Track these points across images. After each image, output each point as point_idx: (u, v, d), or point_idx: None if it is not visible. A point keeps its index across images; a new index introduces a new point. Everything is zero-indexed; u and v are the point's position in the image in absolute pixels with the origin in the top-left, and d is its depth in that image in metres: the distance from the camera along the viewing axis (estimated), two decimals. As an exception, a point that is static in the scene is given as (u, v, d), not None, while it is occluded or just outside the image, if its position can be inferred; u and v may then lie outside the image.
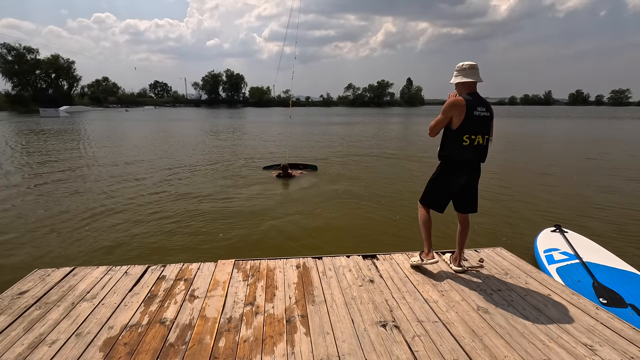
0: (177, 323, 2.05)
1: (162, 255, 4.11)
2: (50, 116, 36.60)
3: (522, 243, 4.36)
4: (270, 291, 2.43)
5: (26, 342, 1.85)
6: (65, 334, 1.93)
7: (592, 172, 9.58)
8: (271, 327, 2.03)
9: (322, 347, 1.85)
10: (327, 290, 2.44)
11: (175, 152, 12.62)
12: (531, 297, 2.40)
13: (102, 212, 5.68)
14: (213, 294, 2.38)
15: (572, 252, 3.52)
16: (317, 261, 2.90)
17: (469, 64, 2.49)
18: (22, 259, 4.05)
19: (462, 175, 2.53)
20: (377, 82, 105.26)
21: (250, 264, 2.84)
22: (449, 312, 2.20)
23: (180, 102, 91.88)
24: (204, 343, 1.88)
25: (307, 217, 5.58)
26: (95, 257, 4.04)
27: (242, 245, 4.45)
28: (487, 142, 2.50)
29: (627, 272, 3.17)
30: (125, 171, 9.09)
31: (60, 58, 64.67)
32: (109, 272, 2.65)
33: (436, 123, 2.52)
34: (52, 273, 2.62)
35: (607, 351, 1.84)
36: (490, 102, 2.54)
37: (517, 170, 9.50)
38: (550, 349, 1.86)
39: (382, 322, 2.08)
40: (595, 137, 20.00)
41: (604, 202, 6.44)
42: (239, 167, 9.80)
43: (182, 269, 2.73)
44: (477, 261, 2.94)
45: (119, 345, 1.84)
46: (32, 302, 2.24)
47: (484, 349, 1.85)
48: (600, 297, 2.78)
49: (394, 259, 2.98)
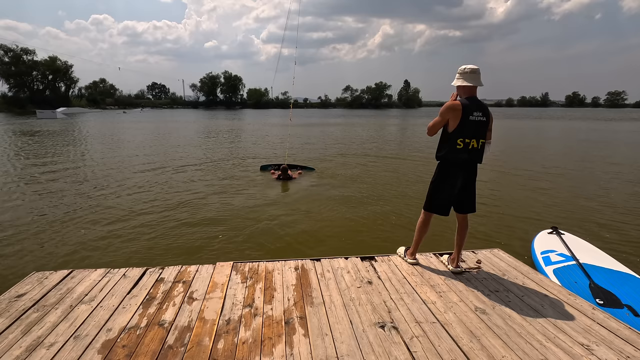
0: (175, 325, 2.05)
1: (160, 257, 4.10)
2: (47, 118, 36.46)
3: (519, 245, 4.38)
4: (269, 293, 2.43)
5: (24, 345, 1.85)
6: (63, 336, 1.93)
7: (588, 174, 9.64)
8: (270, 328, 2.03)
9: (320, 349, 1.86)
10: (326, 292, 2.44)
11: (173, 154, 12.60)
12: (528, 297, 2.41)
13: (99, 214, 5.66)
14: (212, 296, 2.38)
15: (568, 254, 3.54)
16: (315, 263, 2.90)
17: (470, 68, 2.52)
18: (18, 261, 4.03)
19: (459, 176, 2.56)
20: (375, 83, 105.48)
21: (249, 266, 2.84)
22: (447, 313, 2.21)
23: (178, 103, 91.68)
24: (202, 345, 1.88)
25: (305, 218, 5.58)
26: (92, 260, 4.03)
27: (241, 247, 4.44)
28: (482, 146, 2.53)
29: (623, 274, 3.19)
30: (122, 174, 9.06)
31: (58, 60, 64.50)
32: (107, 275, 2.64)
33: (434, 124, 2.59)
34: (50, 276, 2.61)
35: (604, 351, 1.86)
36: (487, 103, 2.57)
37: (514, 172, 9.54)
38: (547, 349, 1.87)
39: (381, 323, 2.09)
40: (591, 139, 20.13)
41: (600, 205, 6.48)
42: (237, 169, 9.80)
43: (181, 271, 2.73)
44: (475, 262, 2.95)
45: (117, 348, 1.84)
46: (30, 304, 2.23)
47: (481, 350, 1.87)
48: (597, 298, 2.80)
49: (392, 260, 2.99)
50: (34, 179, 8.33)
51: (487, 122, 2.52)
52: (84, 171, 9.32)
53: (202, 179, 8.43)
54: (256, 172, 9.29)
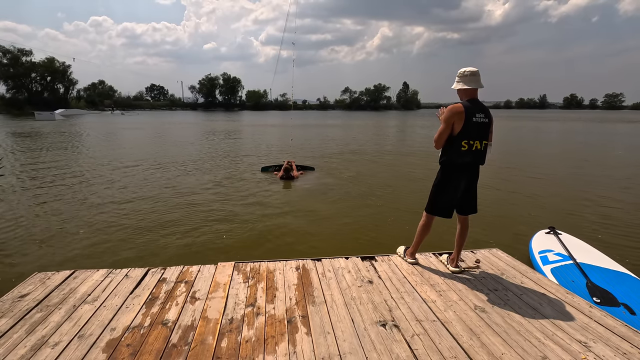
0: (179, 324, 2.07)
1: (161, 258, 4.11)
2: (46, 119, 36.39)
3: (517, 244, 4.42)
4: (271, 292, 2.45)
5: (29, 344, 1.86)
6: (67, 335, 1.94)
7: (586, 175, 9.71)
8: (272, 327, 2.06)
9: (323, 347, 1.88)
10: (327, 291, 2.47)
11: (173, 155, 12.60)
12: (527, 296, 2.45)
13: (100, 215, 5.67)
14: (214, 295, 2.40)
15: (566, 254, 3.58)
16: (316, 263, 2.93)
17: (470, 71, 2.55)
18: (19, 262, 4.03)
19: (462, 179, 2.58)
20: (374, 85, 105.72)
21: (250, 266, 2.86)
22: (447, 311, 2.24)
23: (176, 105, 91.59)
24: (206, 343, 1.90)
25: (305, 219, 5.61)
26: (94, 261, 4.04)
27: (242, 247, 4.46)
28: (485, 147, 2.56)
29: (619, 273, 3.23)
30: (123, 174, 9.06)
31: (56, 61, 64.40)
32: (110, 275, 2.66)
33: (440, 134, 2.53)
34: (52, 276, 2.63)
35: (601, 347, 1.90)
36: (486, 105, 2.61)
37: (512, 174, 9.60)
38: (545, 346, 1.90)
39: (382, 322, 2.11)
40: (589, 141, 20.25)
41: (597, 205, 6.54)
42: (237, 170, 9.81)
43: (183, 271, 2.75)
44: (474, 262, 2.98)
45: (121, 347, 1.86)
46: (33, 305, 2.25)
47: (481, 347, 1.89)
48: (594, 297, 2.83)
49: (392, 260, 3.02)
50: (33, 180, 8.32)
51: (490, 123, 2.55)
52: (83, 172, 9.30)
53: (202, 180, 8.44)
54: (257, 172, 9.32)
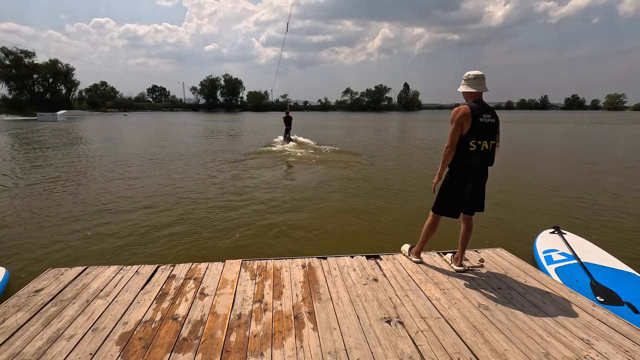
0: (189, 319, 2.12)
1: (170, 255, 4.18)
2: (48, 120, 36.66)
3: (522, 244, 4.44)
4: (278, 289, 2.50)
5: (45, 337, 1.92)
6: (82, 329, 2.00)
7: (589, 175, 9.71)
8: (280, 323, 2.10)
9: (329, 342, 1.93)
10: (333, 289, 2.51)
11: (178, 155, 12.69)
12: (530, 294, 2.48)
13: (109, 213, 5.74)
14: (222, 292, 2.45)
15: (570, 253, 3.60)
16: (322, 261, 2.98)
17: (474, 74, 2.59)
18: (32, 258, 4.10)
19: (471, 180, 2.61)
20: (375, 86, 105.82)
21: (257, 264, 2.91)
22: (451, 309, 2.28)
23: (178, 106, 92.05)
24: (216, 338, 1.95)
25: (310, 218, 5.65)
26: (105, 258, 4.11)
27: (248, 246, 4.52)
28: (493, 147, 2.59)
29: (623, 272, 3.25)
30: (130, 172, 9.15)
31: (59, 63, 64.85)
32: (121, 272, 2.72)
33: (451, 135, 2.54)
34: (66, 272, 2.69)
35: (603, 345, 1.93)
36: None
37: (517, 174, 9.61)
38: (548, 343, 1.94)
39: (387, 319, 2.15)
40: (592, 143, 20.20)
41: (601, 205, 6.54)
42: (240, 170, 9.88)
43: (191, 268, 2.80)
44: (478, 261, 3.02)
45: (134, 340, 1.91)
46: (48, 299, 2.31)
47: (484, 343, 1.93)
48: (598, 296, 2.86)
49: (396, 259, 3.06)
50: (39, 179, 8.41)
51: (496, 124, 2.59)
52: (91, 171, 9.40)
53: (207, 180, 8.50)
54: (264, 171, 9.38)
